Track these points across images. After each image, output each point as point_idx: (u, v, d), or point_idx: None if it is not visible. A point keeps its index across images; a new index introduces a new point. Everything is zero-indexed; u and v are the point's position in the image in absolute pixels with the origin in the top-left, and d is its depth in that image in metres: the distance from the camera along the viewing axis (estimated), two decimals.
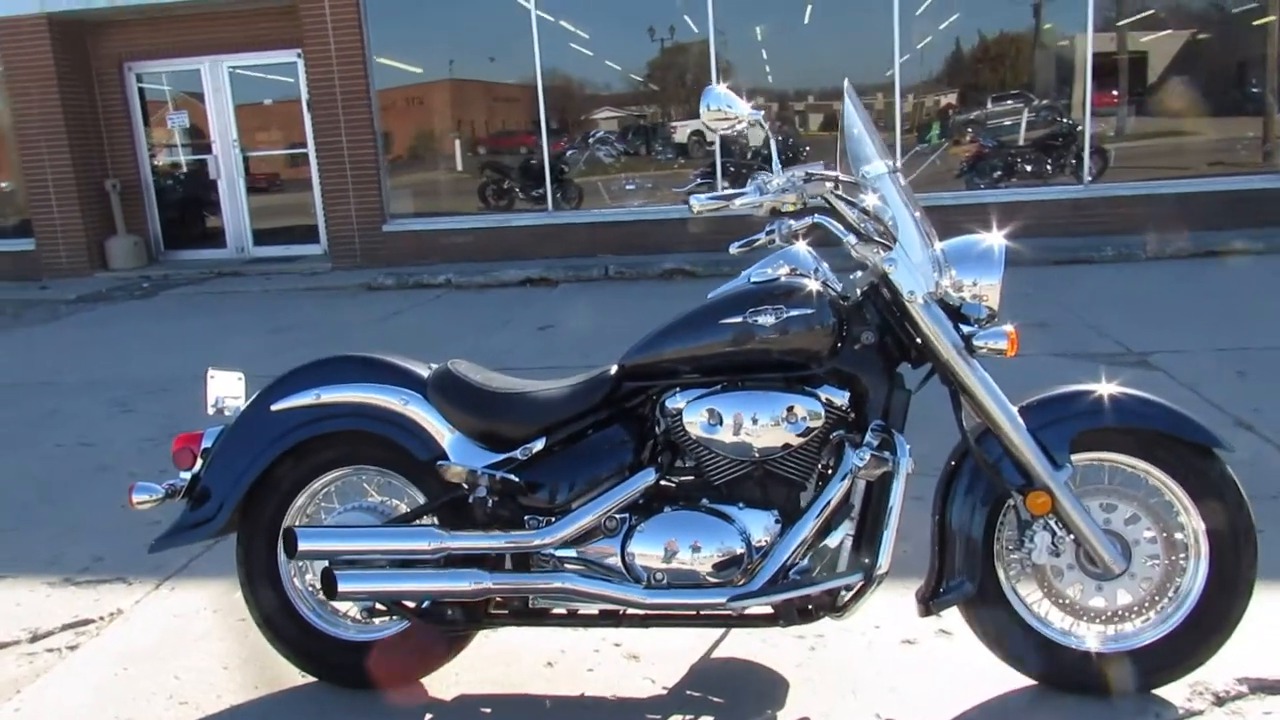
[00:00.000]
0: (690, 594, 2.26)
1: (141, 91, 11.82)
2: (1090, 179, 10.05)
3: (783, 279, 2.31)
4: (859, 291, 2.35)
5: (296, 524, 2.47)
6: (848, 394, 2.28)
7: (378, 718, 2.43)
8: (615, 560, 2.31)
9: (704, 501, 2.32)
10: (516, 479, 2.31)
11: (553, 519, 2.32)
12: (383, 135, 10.97)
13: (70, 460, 4.70)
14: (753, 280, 2.31)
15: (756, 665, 2.55)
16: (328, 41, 10.56)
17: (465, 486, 2.34)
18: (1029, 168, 10.54)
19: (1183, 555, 2.29)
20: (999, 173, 10.55)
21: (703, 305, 2.32)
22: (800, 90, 11.28)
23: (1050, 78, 10.66)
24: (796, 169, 2.21)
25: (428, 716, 2.42)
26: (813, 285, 2.27)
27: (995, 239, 2.32)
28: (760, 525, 2.28)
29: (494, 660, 2.64)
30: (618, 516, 2.33)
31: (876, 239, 2.24)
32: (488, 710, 2.44)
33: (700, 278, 9.04)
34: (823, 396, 2.26)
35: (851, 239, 2.25)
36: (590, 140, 11.33)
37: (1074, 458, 2.26)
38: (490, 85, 11.66)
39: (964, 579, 2.28)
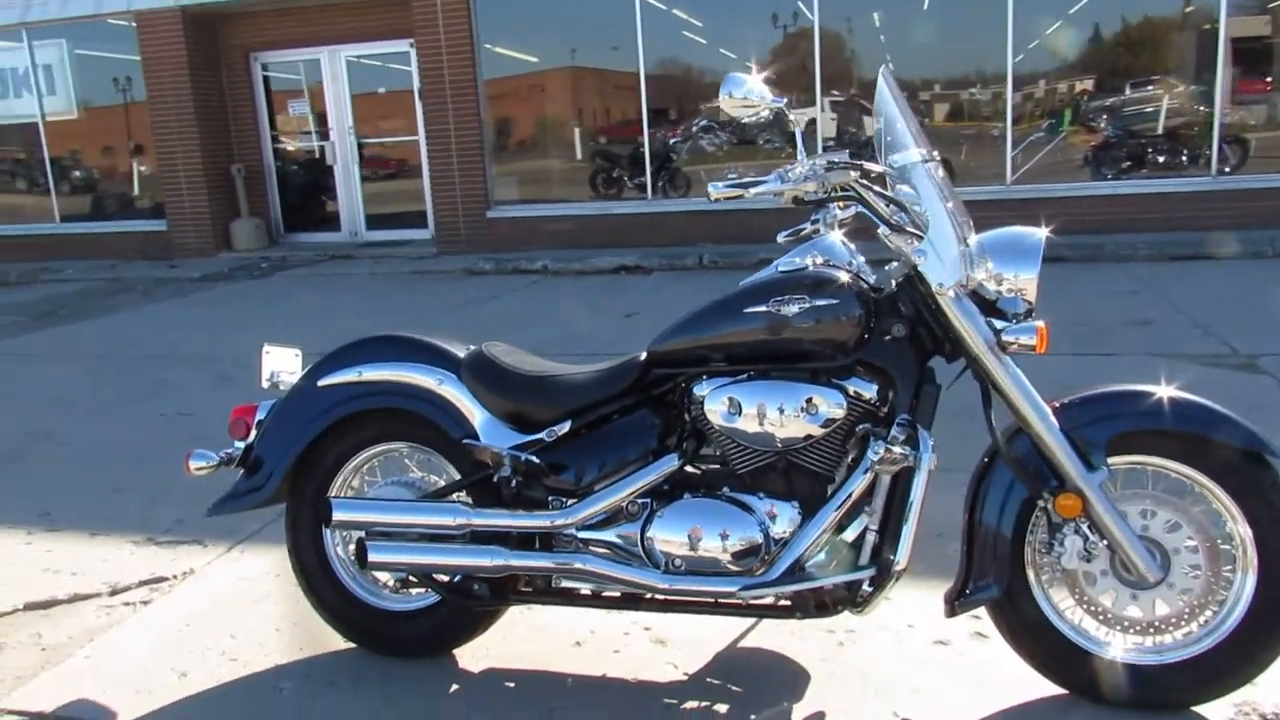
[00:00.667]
0: (706, 581, 2.26)
1: (266, 80, 12.36)
2: (1224, 170, 9.47)
3: (811, 269, 2.29)
4: (894, 283, 2.30)
5: (335, 495, 2.57)
6: (875, 387, 2.24)
7: (408, 684, 2.51)
8: (636, 544, 2.34)
9: (725, 490, 2.32)
10: (538, 460, 2.36)
11: (575, 500, 2.36)
12: (489, 123, 11.20)
13: (171, 428, 5.00)
14: (780, 269, 2.30)
15: (782, 657, 2.54)
16: (437, 31, 10.84)
17: (490, 465, 2.40)
18: (1160, 158, 10.00)
19: (1229, 567, 2.17)
20: (1127, 162, 10.04)
21: (730, 293, 2.31)
22: (925, 79, 10.88)
23: (1188, 63, 10.06)
24: (820, 157, 2.17)
25: (454, 687, 2.50)
26: (841, 276, 2.24)
27: (1036, 232, 2.24)
28: (780, 516, 2.27)
29: (524, 637, 2.70)
30: (640, 501, 2.36)
31: (909, 229, 2.19)
32: (511, 684, 2.50)
33: None
34: (851, 389, 2.23)
35: (884, 229, 2.20)
36: (695, 129, 11.31)
37: (1112, 460, 2.18)
38: (598, 73, 11.74)
39: (990, 581, 2.22)
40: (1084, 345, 5.54)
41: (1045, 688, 2.27)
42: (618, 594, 2.39)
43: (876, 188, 2.18)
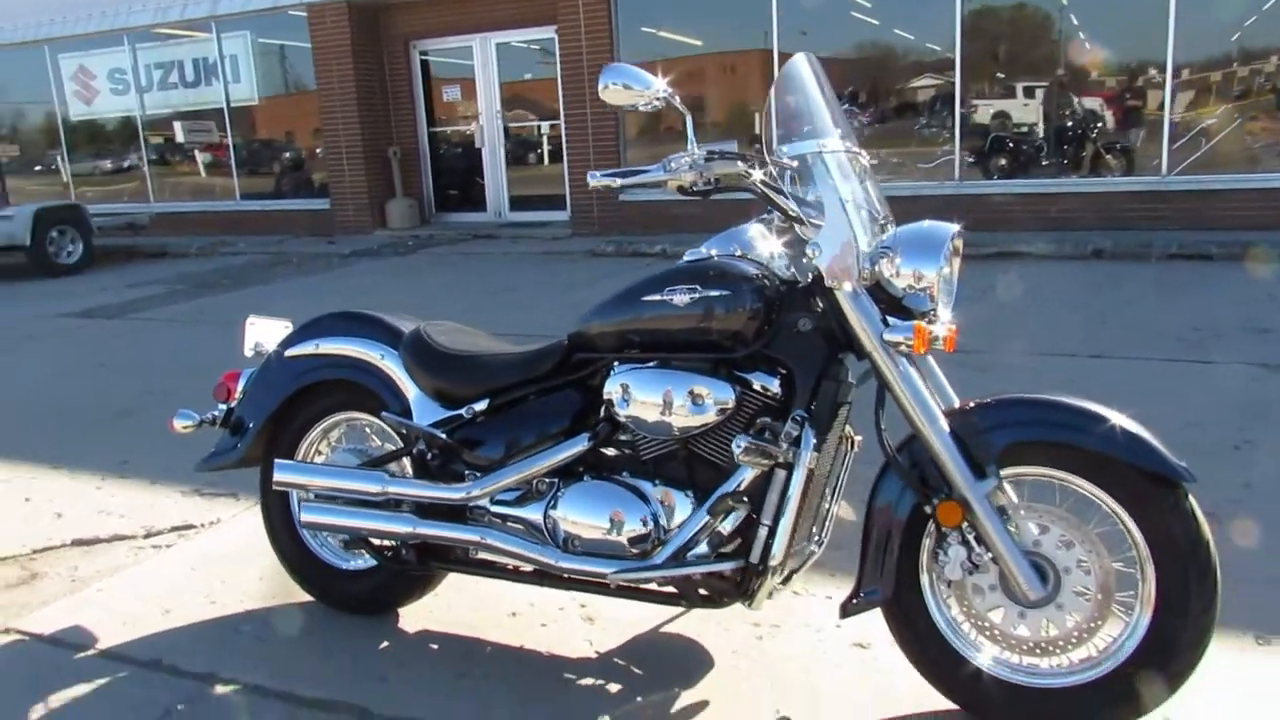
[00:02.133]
0: (594, 562, 2.30)
1: (424, 65, 13.00)
2: None
3: (714, 258, 2.28)
4: (810, 276, 2.26)
5: (281, 459, 2.74)
6: (777, 380, 2.22)
7: (345, 639, 2.69)
8: (540, 522, 2.40)
9: (625, 474, 2.35)
10: (444, 435, 2.46)
11: (484, 475, 2.45)
12: None
13: None
14: (686, 259, 2.30)
15: (696, 645, 2.54)
16: (577, 16, 11.09)
17: (409, 440, 2.52)
18: None
19: (1130, 593, 2.02)
20: None
21: (638, 280, 2.33)
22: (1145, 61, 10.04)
23: None
24: (705, 146, 2.16)
25: (384, 644, 2.65)
26: (742, 267, 2.22)
27: (946, 227, 2.14)
28: (673, 504, 2.28)
29: (468, 605, 2.82)
30: (549, 481, 2.42)
31: (814, 221, 2.14)
32: (435, 647, 2.63)
33: None
34: (755, 383, 2.22)
35: (779, 220, 2.17)
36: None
37: (1013, 471, 2.07)
38: (731, 57, 11.68)
39: (877, 586, 2.15)
40: (1181, 351, 5.14)
41: (944, 700, 2.19)
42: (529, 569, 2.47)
43: (764, 179, 2.15)
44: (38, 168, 15.64)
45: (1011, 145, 10.31)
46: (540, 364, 2.46)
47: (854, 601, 2.19)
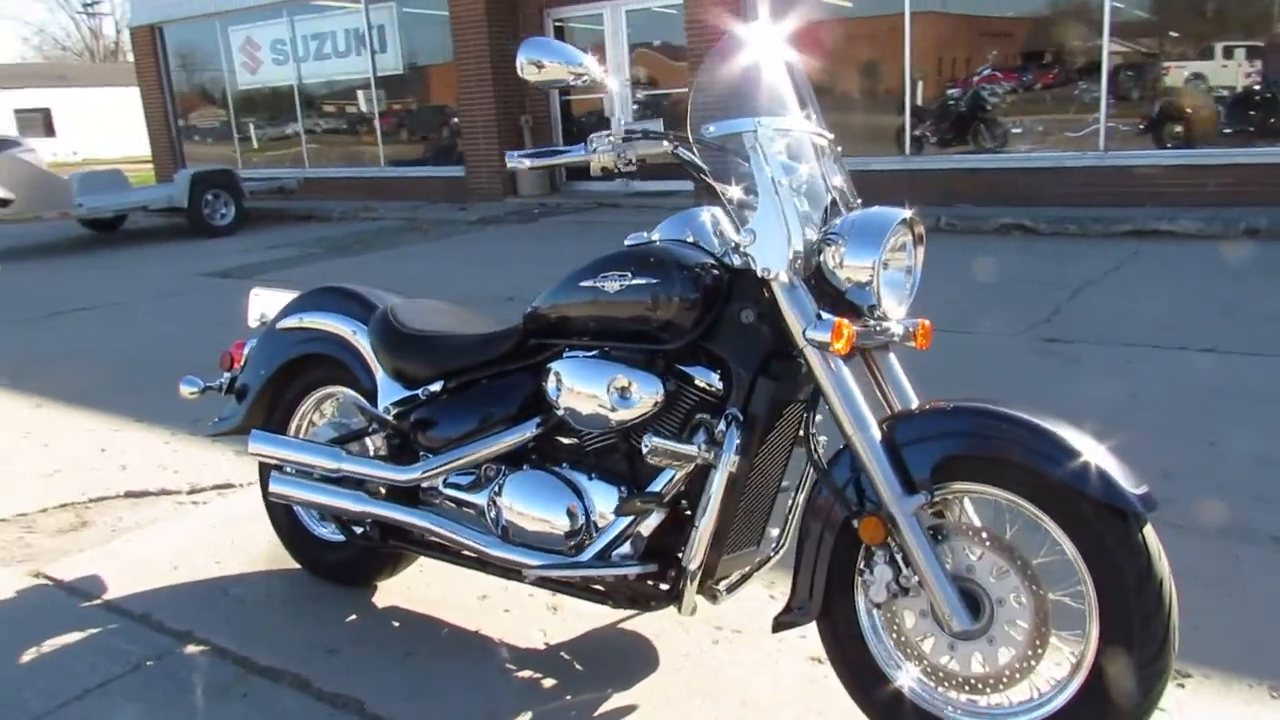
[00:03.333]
0: (523, 553, 2.25)
1: (560, 32, 13.07)
2: None
3: (654, 244, 2.16)
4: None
5: (259, 427, 2.80)
6: (717, 374, 2.09)
7: (319, 609, 2.74)
8: (485, 508, 2.37)
9: (566, 466, 2.28)
10: (394, 417, 2.45)
11: (430, 458, 2.43)
12: None
13: None
14: (626, 242, 2.19)
15: (648, 645, 2.46)
16: None
17: (360, 417, 2.53)
18: None
19: (1075, 631, 1.80)
20: None
21: (583, 265, 2.24)
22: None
23: None
24: (630, 126, 2.03)
25: (351, 617, 2.69)
26: (682, 253, 2.10)
27: (894, 212, 1.95)
28: (604, 499, 2.19)
29: (444, 584, 2.82)
30: (497, 467, 2.38)
31: (753, 205, 2.00)
32: (396, 624, 2.65)
33: (1040, 235, 8.07)
34: (698, 379, 2.10)
35: (716, 204, 2.03)
36: (975, 78, 10.47)
37: (952, 487, 1.87)
38: (864, 21, 11.17)
39: (803, 603, 2.01)
40: (1232, 341, 4.58)
41: None
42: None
43: (690, 160, 2.01)
44: (209, 135, 16.74)
45: (1184, 112, 9.43)
46: (496, 347, 2.41)
47: (785, 616, 2.05)
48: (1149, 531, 1.73)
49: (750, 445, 2.02)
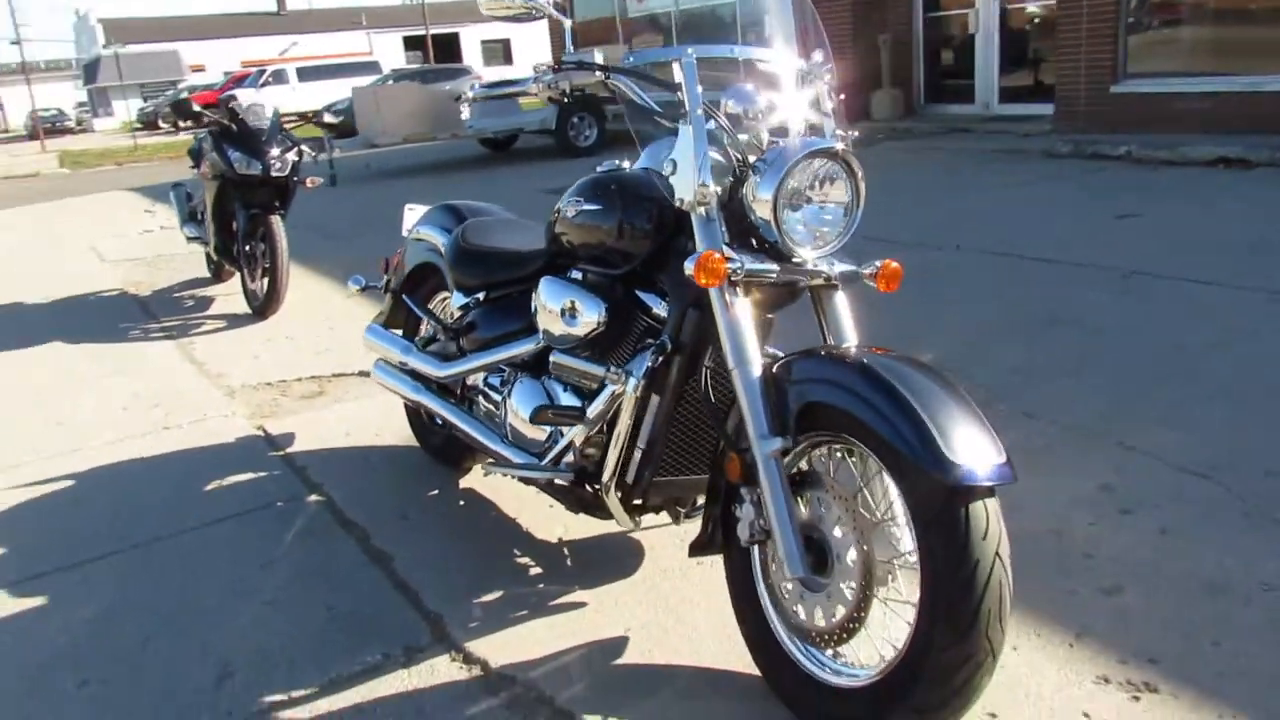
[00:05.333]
0: (511, 451, 2.48)
1: None
2: None
3: (619, 171, 2.24)
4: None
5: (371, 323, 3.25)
6: (663, 303, 2.15)
7: (421, 481, 3.19)
8: (496, 408, 2.62)
9: (548, 377, 2.45)
10: (435, 320, 2.76)
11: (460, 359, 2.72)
12: None
13: None
14: (598, 169, 2.28)
15: (637, 557, 2.58)
16: None
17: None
18: None
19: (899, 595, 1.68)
20: None
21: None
22: None
23: None
24: (567, 56, 2.08)
25: (434, 491, 3.11)
26: (638, 181, 2.16)
27: (813, 142, 1.86)
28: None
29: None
30: (510, 371, 2.61)
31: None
32: (462, 503, 3.02)
33: None
34: (654, 310, 2.18)
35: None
36: None
37: (815, 435, 1.82)
38: None
39: (709, 535, 2.04)
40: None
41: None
42: None
43: (625, 89, 2.04)
44: None
45: None
46: (528, 263, 2.62)
47: (696, 546, 2.10)
48: (980, 507, 1.56)
49: (667, 374, 2.06)
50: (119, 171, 18.67)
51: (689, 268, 1.85)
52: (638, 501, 2.25)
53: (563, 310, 2.24)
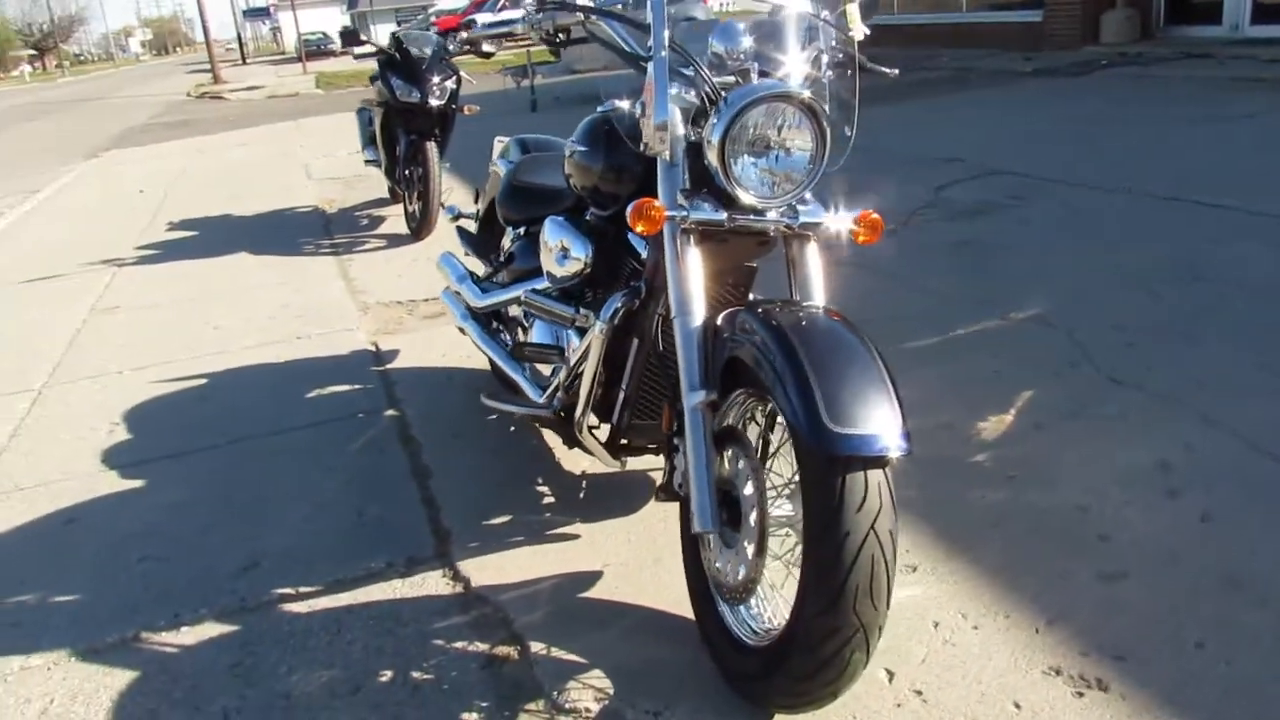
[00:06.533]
0: (525, 383, 2.57)
1: None
2: None
3: (609, 113, 2.22)
4: None
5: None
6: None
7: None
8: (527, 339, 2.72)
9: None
10: (490, 251, 2.87)
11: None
12: None
13: None
14: (599, 109, 2.28)
15: (644, 497, 2.62)
16: None
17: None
18: None
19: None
20: None
21: None
22: None
23: None
24: None
25: (494, 415, 3.25)
26: (628, 124, 2.14)
27: (762, 86, 1.79)
28: (571, 347, 2.41)
29: None
30: None
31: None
32: (512, 429, 3.14)
33: None
34: (642, 256, 2.19)
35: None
36: None
37: (736, 392, 1.80)
38: None
39: (667, 482, 2.06)
40: None
41: None
42: None
43: (605, 32, 2.02)
44: None
45: None
46: (559, 201, 2.67)
47: (660, 492, 2.12)
48: (859, 479, 1.49)
49: (644, 317, 2.07)
50: (366, 91, 20.08)
51: (628, 214, 1.84)
52: (623, 442, 2.29)
53: (557, 250, 2.28)
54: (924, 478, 2.50)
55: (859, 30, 2.20)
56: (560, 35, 2.14)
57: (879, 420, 1.50)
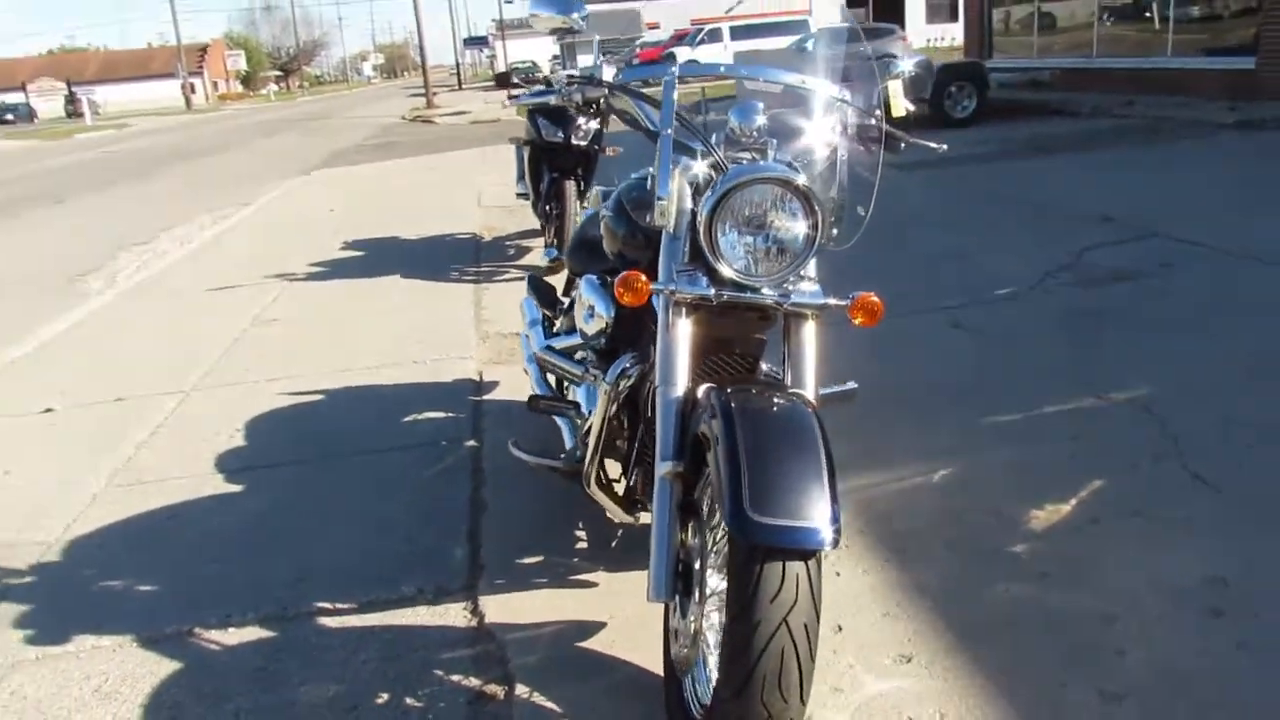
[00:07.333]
0: (564, 430, 2.68)
1: None
2: None
3: (638, 179, 2.31)
4: None
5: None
6: None
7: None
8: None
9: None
10: (553, 297, 2.99)
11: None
12: None
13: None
14: (634, 176, 2.37)
15: None
16: None
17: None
18: None
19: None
20: None
21: None
22: None
23: None
24: (571, 72, 2.17)
25: None
26: (643, 190, 2.23)
27: (756, 168, 1.83)
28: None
29: None
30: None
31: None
32: None
33: None
34: None
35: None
36: None
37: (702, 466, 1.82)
38: None
39: None
40: None
41: None
42: None
43: (624, 106, 2.10)
44: (1016, 23, 16.76)
45: None
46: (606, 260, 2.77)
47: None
48: (776, 569, 1.50)
49: (645, 378, 2.13)
50: None
51: (615, 285, 1.91)
52: (637, 497, 2.35)
53: (585, 308, 2.38)
54: (951, 565, 2.42)
55: (899, 107, 2.20)
56: (591, 106, 2.25)
57: (807, 512, 1.51)
